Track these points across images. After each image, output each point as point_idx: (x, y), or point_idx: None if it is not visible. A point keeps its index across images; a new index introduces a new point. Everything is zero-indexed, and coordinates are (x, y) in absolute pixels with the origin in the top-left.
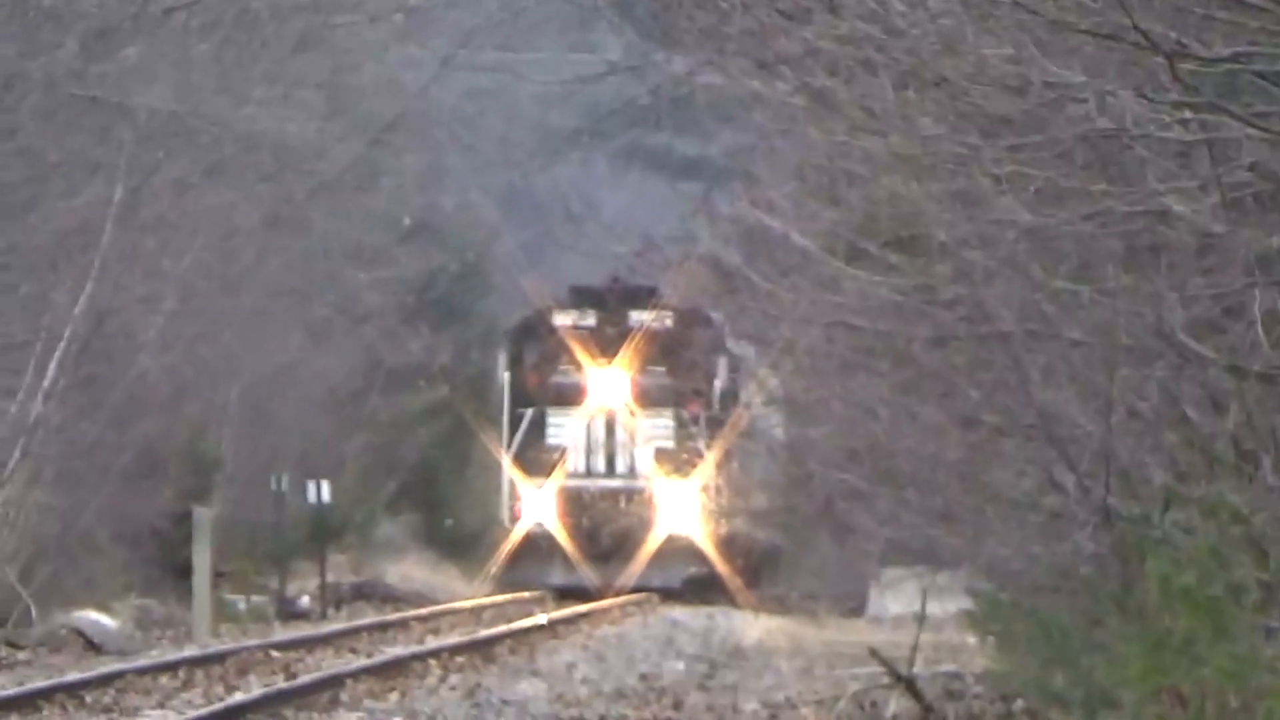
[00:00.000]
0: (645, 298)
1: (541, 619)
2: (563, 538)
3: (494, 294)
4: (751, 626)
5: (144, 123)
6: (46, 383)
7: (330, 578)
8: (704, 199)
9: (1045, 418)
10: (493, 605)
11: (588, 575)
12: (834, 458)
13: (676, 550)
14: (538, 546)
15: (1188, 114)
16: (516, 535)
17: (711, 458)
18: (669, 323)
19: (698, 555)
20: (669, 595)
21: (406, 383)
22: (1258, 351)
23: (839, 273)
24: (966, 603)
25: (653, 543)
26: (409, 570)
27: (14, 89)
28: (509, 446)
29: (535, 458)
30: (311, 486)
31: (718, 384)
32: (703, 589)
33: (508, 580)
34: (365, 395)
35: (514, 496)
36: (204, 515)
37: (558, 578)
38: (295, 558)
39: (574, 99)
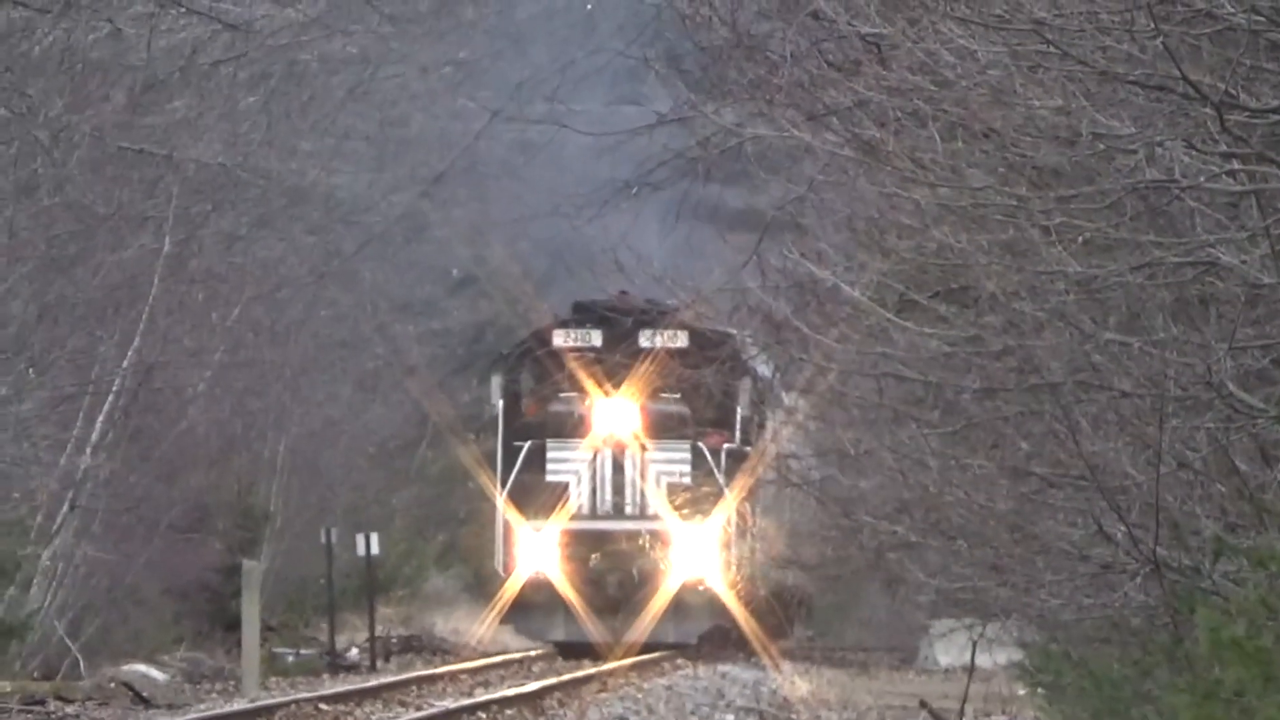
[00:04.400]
0: (657, 315)
1: None
2: (565, 587)
3: None
4: (802, 678)
5: (192, 175)
6: (95, 435)
7: (379, 630)
8: (754, 250)
9: (1095, 469)
10: (542, 657)
11: (593, 630)
12: (884, 509)
13: (693, 601)
14: (537, 597)
15: (1236, 165)
16: (514, 584)
17: (733, 496)
18: (684, 343)
19: (717, 607)
20: (684, 652)
21: (456, 435)
22: None
23: (889, 324)
24: (1017, 654)
25: (666, 593)
26: (458, 623)
27: (62, 142)
28: (504, 484)
29: (533, 497)
30: (361, 539)
31: (740, 412)
32: (722, 644)
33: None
34: (414, 447)
35: (509, 540)
36: (253, 568)
37: (559, 633)
38: (344, 610)
39: (623, 151)
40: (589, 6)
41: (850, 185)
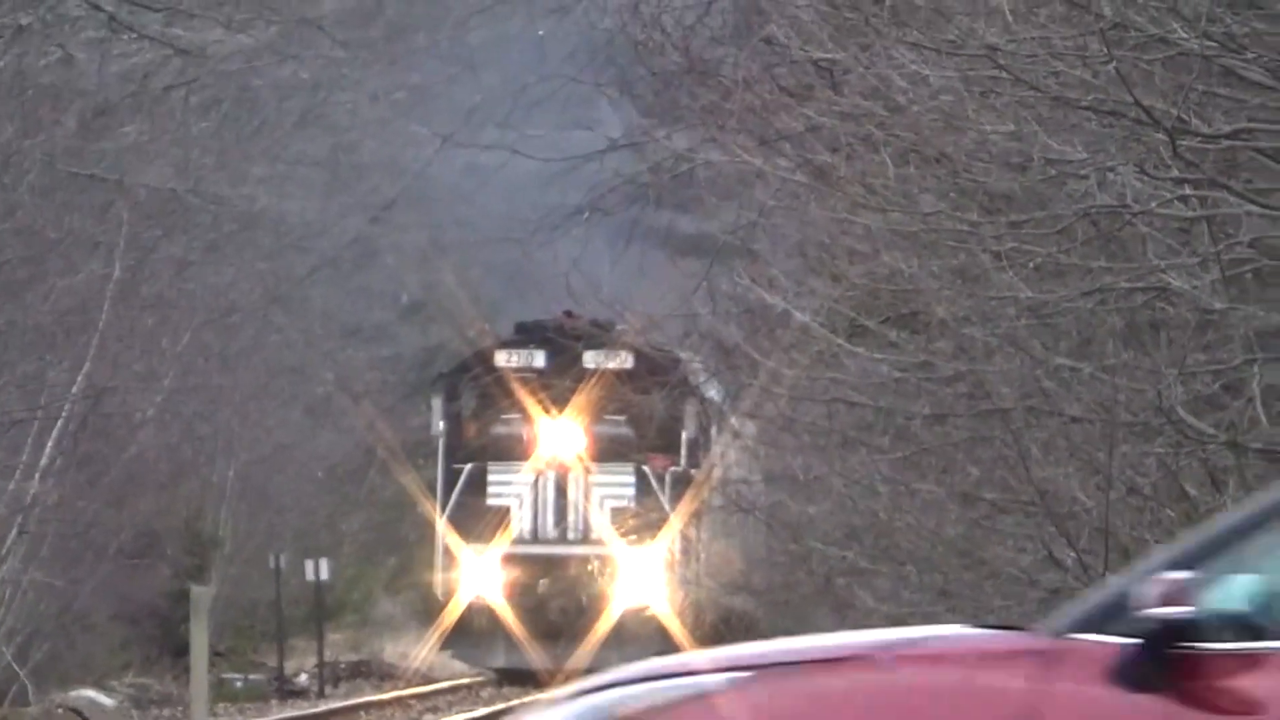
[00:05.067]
0: (601, 335)
1: None
2: (506, 613)
3: None
4: None
5: (143, 200)
6: (44, 460)
7: (328, 655)
8: (704, 276)
9: (1045, 494)
10: (491, 682)
11: (535, 656)
12: (833, 534)
13: (638, 627)
14: (478, 623)
15: (1188, 190)
16: (454, 610)
17: (678, 520)
18: (629, 364)
19: (662, 633)
20: None
21: (406, 460)
22: (1257, 428)
23: (839, 349)
24: None
25: (610, 618)
26: (408, 648)
27: (12, 166)
28: (444, 507)
29: (474, 520)
30: (310, 564)
31: (685, 434)
32: None
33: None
34: (364, 473)
35: (449, 564)
36: (202, 593)
37: (500, 659)
38: (293, 636)
39: (574, 176)
40: (541, 32)
41: (802, 210)
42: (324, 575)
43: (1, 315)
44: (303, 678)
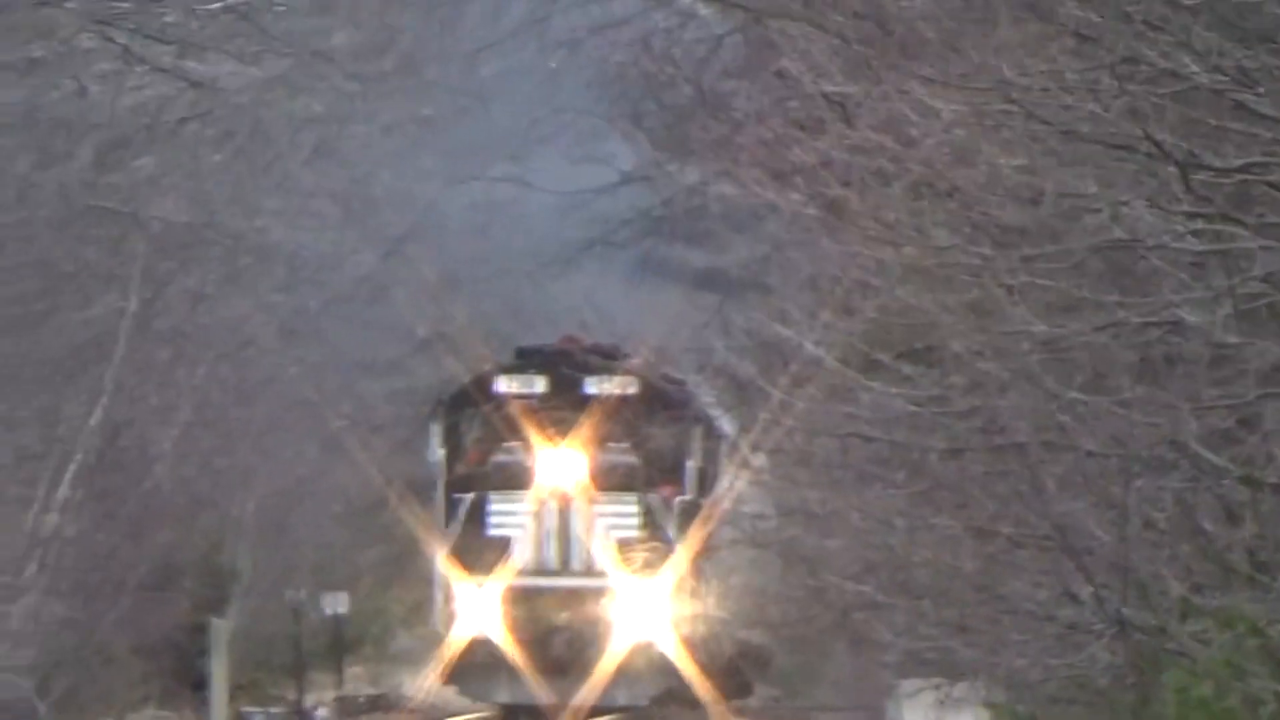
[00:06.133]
0: (605, 361)
1: None
2: (509, 647)
3: None
4: None
5: (158, 233)
6: (61, 494)
7: (347, 689)
8: (718, 309)
9: (1061, 529)
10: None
11: (540, 692)
12: (850, 569)
13: (644, 661)
14: (480, 657)
15: (1200, 224)
16: (455, 644)
17: (685, 550)
18: (633, 390)
19: (668, 667)
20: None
21: (423, 494)
22: (1272, 463)
23: (854, 383)
24: (984, 714)
25: (616, 653)
26: (426, 682)
27: (27, 199)
28: (444, 538)
29: (475, 552)
30: (328, 598)
31: (690, 463)
32: (674, 706)
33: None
34: (382, 506)
35: (450, 598)
36: (220, 627)
37: (504, 695)
38: (312, 669)
39: (587, 209)
40: (553, 65)
41: (814, 244)
42: (342, 609)
43: (17, 348)
44: (321, 711)
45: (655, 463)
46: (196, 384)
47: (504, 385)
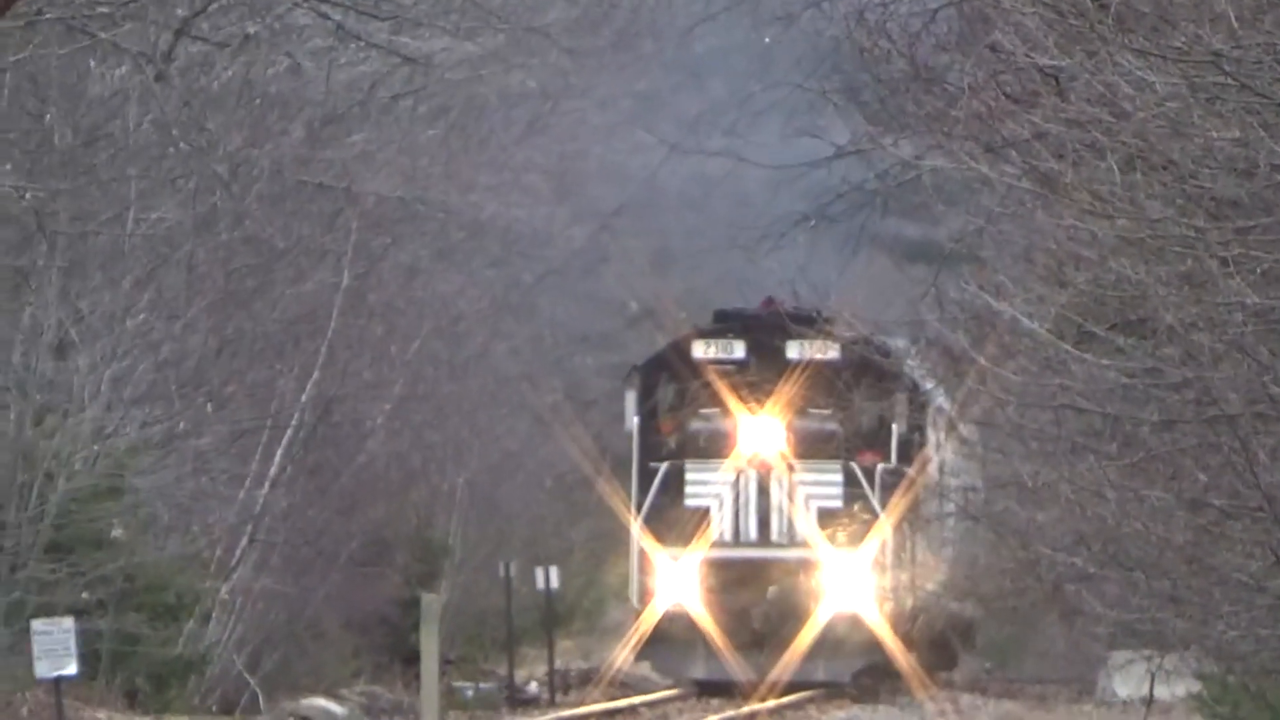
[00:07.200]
0: (806, 324)
1: None
2: (705, 621)
3: None
4: (979, 712)
5: (371, 209)
6: (274, 469)
7: (559, 664)
8: (931, 282)
9: (1273, 500)
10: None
11: (736, 667)
12: (1062, 541)
13: (846, 635)
14: (675, 631)
15: None
16: (650, 618)
17: (889, 520)
18: (835, 355)
19: (871, 641)
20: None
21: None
22: None
23: (1067, 356)
24: (1195, 685)
25: (816, 626)
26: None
27: (241, 176)
28: (639, 509)
29: (672, 523)
30: (540, 572)
31: (896, 429)
32: (878, 681)
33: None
34: (592, 481)
35: (646, 570)
36: (432, 602)
37: (700, 670)
38: (523, 644)
39: (800, 183)
40: (767, 40)
41: (1028, 217)
42: (554, 583)
43: (231, 325)
44: (533, 686)
45: (858, 430)
46: (409, 359)
47: (701, 350)
